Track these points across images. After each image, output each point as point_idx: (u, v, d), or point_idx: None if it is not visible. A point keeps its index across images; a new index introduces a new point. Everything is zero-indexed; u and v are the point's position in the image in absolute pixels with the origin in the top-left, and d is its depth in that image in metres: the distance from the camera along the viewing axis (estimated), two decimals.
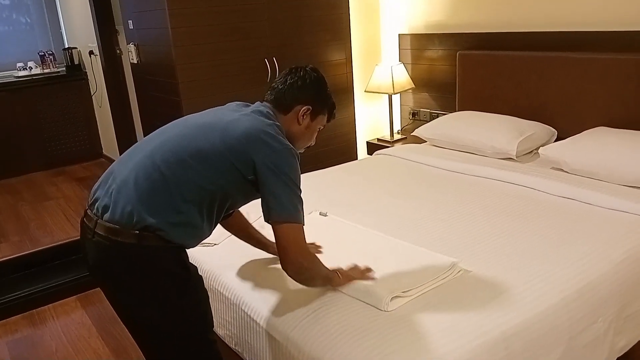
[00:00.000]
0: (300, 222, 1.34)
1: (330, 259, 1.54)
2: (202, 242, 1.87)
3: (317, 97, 1.51)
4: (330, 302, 1.44)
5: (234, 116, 1.40)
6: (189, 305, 1.37)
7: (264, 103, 1.51)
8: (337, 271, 1.51)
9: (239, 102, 1.54)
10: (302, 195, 1.37)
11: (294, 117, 1.49)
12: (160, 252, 1.30)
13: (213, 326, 1.47)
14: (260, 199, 1.37)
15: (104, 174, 1.40)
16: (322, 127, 1.58)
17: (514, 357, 1.33)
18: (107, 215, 1.29)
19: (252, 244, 1.73)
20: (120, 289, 1.35)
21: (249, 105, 1.50)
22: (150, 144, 1.38)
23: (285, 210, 1.31)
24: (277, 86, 1.50)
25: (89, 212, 1.35)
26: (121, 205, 1.28)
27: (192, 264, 1.41)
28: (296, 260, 1.34)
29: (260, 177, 1.32)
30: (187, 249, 1.39)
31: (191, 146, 1.33)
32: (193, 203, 1.31)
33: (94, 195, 1.38)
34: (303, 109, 1.48)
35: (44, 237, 3.35)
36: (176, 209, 1.30)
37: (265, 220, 1.35)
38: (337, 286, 1.50)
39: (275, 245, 1.37)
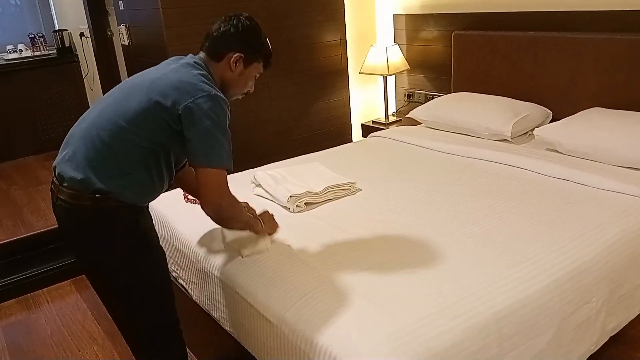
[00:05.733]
0: (224, 166, 1.40)
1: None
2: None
3: (249, 45, 1.55)
4: (324, 285, 1.44)
5: (162, 72, 1.46)
6: (147, 261, 1.49)
7: (198, 54, 1.55)
8: (259, 218, 1.65)
9: (176, 57, 1.57)
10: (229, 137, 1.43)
11: (227, 64, 1.53)
12: (115, 213, 1.41)
13: (171, 284, 1.58)
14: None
15: (63, 143, 1.48)
16: (258, 75, 1.62)
17: (506, 339, 1.34)
18: (65, 183, 1.40)
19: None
20: (85, 247, 1.46)
21: (182, 58, 1.54)
22: (92, 114, 1.45)
23: (207, 156, 1.38)
24: (211, 34, 1.55)
25: (54, 178, 1.45)
26: (75, 175, 1.38)
27: (146, 221, 1.52)
28: (215, 202, 1.42)
29: (184, 124, 1.37)
30: (142, 206, 1.49)
31: (123, 110, 1.40)
32: (138, 163, 1.41)
33: (54, 163, 1.46)
34: (235, 56, 1.53)
35: (38, 221, 3.32)
36: (124, 172, 1.39)
37: (189, 165, 1.43)
38: (258, 233, 1.64)
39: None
